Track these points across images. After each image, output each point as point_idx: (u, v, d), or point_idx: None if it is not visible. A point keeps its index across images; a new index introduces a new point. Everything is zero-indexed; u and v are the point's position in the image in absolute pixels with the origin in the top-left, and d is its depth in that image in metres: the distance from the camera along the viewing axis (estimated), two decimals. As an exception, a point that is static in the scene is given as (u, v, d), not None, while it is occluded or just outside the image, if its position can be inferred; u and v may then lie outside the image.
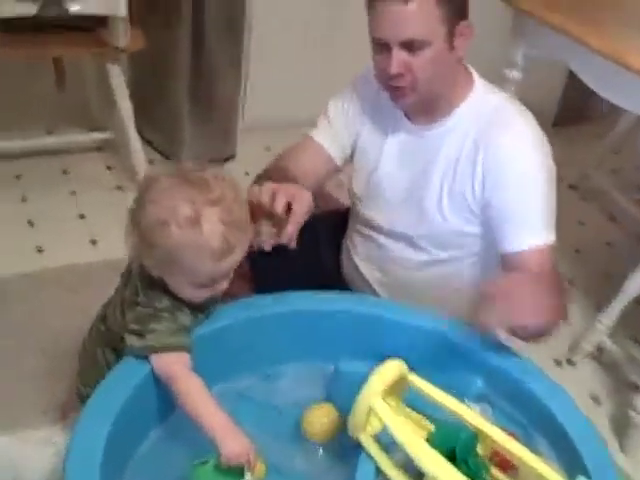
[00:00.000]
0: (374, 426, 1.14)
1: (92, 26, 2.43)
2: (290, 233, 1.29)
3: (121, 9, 2.30)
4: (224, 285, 1.21)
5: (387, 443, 1.12)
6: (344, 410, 1.18)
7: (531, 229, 1.42)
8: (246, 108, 3.04)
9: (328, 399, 1.29)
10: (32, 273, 2.24)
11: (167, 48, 2.76)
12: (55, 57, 2.56)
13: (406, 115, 1.54)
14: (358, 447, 1.14)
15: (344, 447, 1.20)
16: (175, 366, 1.16)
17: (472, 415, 1.13)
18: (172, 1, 2.69)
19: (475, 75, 1.52)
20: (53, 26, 2.37)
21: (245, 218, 1.16)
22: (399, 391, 1.17)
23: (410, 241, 1.56)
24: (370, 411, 1.10)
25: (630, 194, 2.89)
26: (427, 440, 1.06)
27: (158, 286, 1.20)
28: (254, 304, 1.34)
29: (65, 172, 2.77)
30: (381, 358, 1.15)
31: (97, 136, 2.81)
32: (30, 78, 2.76)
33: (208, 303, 1.25)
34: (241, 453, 1.08)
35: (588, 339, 2.20)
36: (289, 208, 1.30)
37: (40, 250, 2.37)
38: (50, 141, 2.78)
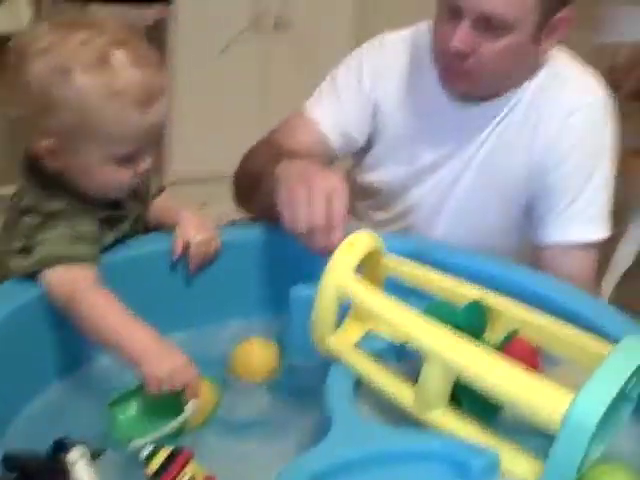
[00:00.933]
0: (350, 335, 0.85)
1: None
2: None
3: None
4: (147, 162, 0.92)
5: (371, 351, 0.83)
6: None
7: (585, 218, 1.19)
8: (173, 162, 2.82)
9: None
10: None
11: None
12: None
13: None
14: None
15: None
16: (78, 279, 0.86)
17: (481, 292, 0.84)
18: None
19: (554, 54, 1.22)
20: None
21: (158, 60, 0.90)
22: (374, 277, 0.88)
23: None
24: (340, 299, 0.81)
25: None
26: (421, 317, 0.77)
27: (51, 184, 0.90)
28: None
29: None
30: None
31: None
32: None
33: (124, 206, 0.97)
34: (174, 372, 0.78)
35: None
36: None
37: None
38: None
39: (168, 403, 0.78)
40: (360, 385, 0.80)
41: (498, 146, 1.22)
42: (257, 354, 0.94)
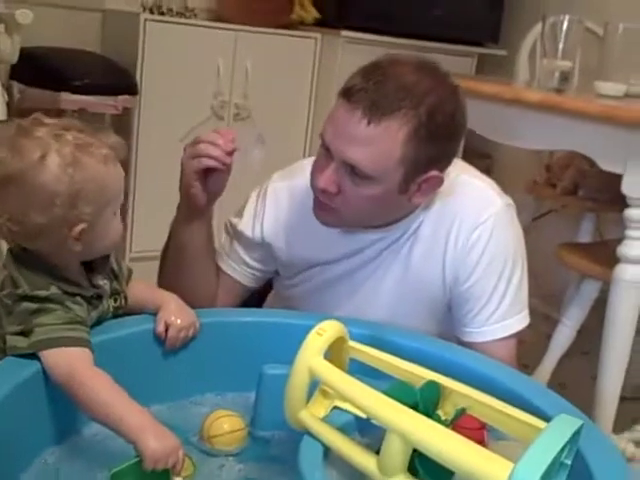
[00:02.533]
0: (318, 410, 0.95)
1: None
2: None
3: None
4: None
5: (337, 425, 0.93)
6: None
7: (499, 317, 1.28)
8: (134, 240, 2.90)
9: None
10: None
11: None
12: None
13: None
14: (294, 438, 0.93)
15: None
16: (74, 362, 0.94)
17: (432, 373, 0.96)
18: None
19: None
20: None
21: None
22: (340, 361, 0.99)
23: None
24: (309, 382, 0.91)
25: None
26: (382, 395, 0.88)
27: (42, 271, 1.00)
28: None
29: None
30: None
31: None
32: None
33: (101, 286, 1.07)
34: (169, 453, 0.87)
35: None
36: None
37: None
38: None
39: (159, 477, 0.87)
40: (329, 453, 0.90)
41: (411, 263, 1.30)
42: (225, 425, 1.03)
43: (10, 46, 2.23)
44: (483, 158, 3.38)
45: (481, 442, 0.91)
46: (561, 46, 1.89)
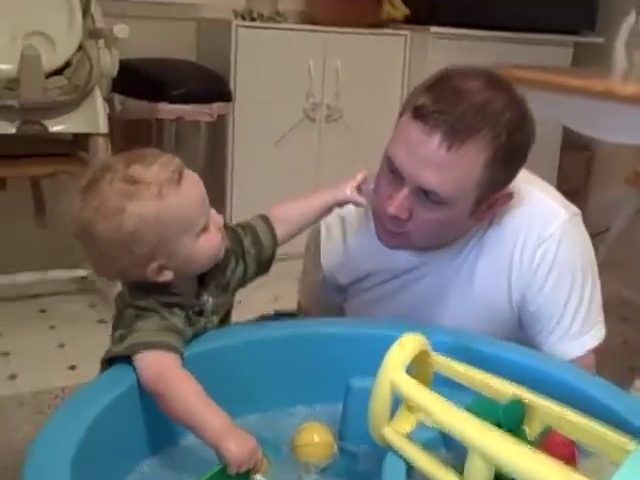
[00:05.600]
0: (403, 425, 0.96)
1: (70, 152, 2.42)
2: None
3: (101, 126, 2.29)
4: (216, 215, 1.07)
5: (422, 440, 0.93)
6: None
7: (573, 334, 1.24)
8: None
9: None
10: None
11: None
12: (32, 178, 2.50)
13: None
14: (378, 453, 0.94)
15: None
16: (164, 365, 0.98)
17: (519, 389, 0.94)
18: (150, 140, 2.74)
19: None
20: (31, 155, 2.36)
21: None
22: (423, 374, 0.99)
23: None
24: (392, 402, 0.92)
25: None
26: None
27: (146, 283, 1.05)
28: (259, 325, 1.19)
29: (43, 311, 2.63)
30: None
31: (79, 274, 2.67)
32: (8, 213, 2.69)
33: (203, 300, 1.11)
34: (250, 456, 0.90)
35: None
36: None
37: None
38: (28, 280, 2.64)
39: (240, 477, 0.90)
40: (412, 472, 0.90)
41: (475, 279, 1.27)
42: (315, 438, 1.04)
43: (110, 60, 2.33)
44: (582, 150, 3.29)
45: (571, 458, 0.89)
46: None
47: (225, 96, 2.71)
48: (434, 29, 2.97)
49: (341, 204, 1.26)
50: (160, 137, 2.72)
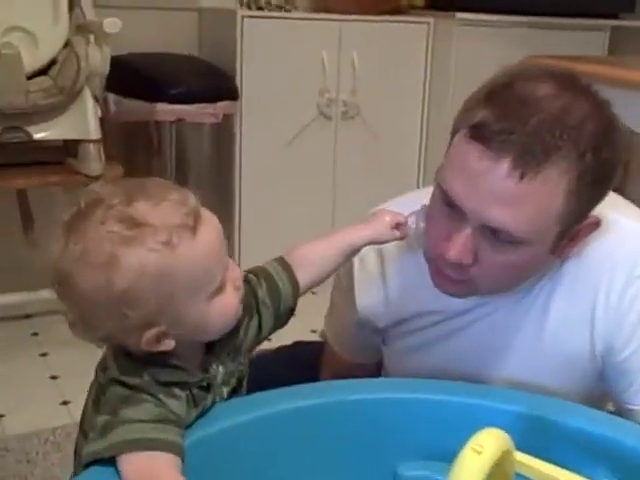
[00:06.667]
0: None
1: (61, 160, 2.19)
2: None
3: (92, 132, 2.06)
4: (234, 268, 0.85)
5: None
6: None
7: None
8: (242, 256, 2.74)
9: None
10: None
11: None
12: (19, 191, 2.28)
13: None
14: None
15: None
16: (158, 471, 0.74)
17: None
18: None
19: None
20: (17, 164, 2.13)
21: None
22: (503, 475, 0.74)
23: None
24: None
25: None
26: None
27: (137, 356, 0.81)
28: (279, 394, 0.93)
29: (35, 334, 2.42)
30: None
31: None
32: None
33: (212, 372, 0.87)
34: None
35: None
36: None
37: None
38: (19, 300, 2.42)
39: None
40: None
41: (548, 323, 1.05)
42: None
43: (100, 57, 2.09)
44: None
45: None
46: None
47: (231, 94, 2.48)
48: (459, 15, 2.72)
49: (376, 243, 1.05)
50: (159, 141, 2.51)
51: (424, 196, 1.03)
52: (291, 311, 0.98)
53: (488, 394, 0.96)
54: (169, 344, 0.80)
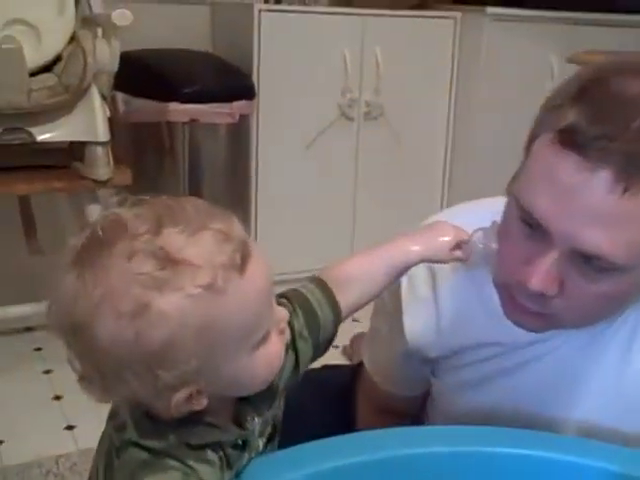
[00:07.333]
0: None
1: (66, 163, 2.04)
2: None
3: (99, 133, 1.92)
4: (279, 309, 0.71)
5: None
6: None
7: None
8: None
9: None
10: None
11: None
12: (21, 197, 2.13)
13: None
14: None
15: None
16: None
17: None
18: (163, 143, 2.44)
19: None
20: (19, 168, 1.99)
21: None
22: None
23: None
24: None
25: None
26: None
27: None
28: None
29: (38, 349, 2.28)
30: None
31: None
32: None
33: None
34: None
35: None
36: None
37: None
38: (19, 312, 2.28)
39: None
40: None
41: (632, 358, 0.93)
42: None
43: (109, 53, 1.94)
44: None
45: None
46: None
47: (247, 93, 2.34)
48: (490, 9, 2.58)
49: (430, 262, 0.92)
50: (171, 143, 2.39)
51: (489, 208, 0.89)
52: (330, 341, 0.84)
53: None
54: (202, 403, 0.66)
